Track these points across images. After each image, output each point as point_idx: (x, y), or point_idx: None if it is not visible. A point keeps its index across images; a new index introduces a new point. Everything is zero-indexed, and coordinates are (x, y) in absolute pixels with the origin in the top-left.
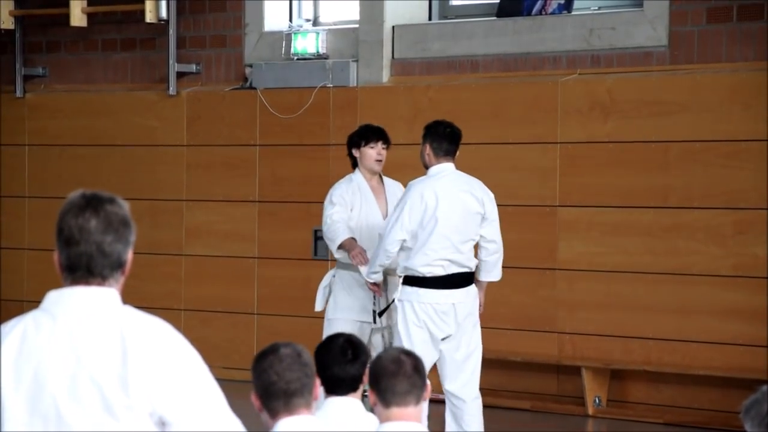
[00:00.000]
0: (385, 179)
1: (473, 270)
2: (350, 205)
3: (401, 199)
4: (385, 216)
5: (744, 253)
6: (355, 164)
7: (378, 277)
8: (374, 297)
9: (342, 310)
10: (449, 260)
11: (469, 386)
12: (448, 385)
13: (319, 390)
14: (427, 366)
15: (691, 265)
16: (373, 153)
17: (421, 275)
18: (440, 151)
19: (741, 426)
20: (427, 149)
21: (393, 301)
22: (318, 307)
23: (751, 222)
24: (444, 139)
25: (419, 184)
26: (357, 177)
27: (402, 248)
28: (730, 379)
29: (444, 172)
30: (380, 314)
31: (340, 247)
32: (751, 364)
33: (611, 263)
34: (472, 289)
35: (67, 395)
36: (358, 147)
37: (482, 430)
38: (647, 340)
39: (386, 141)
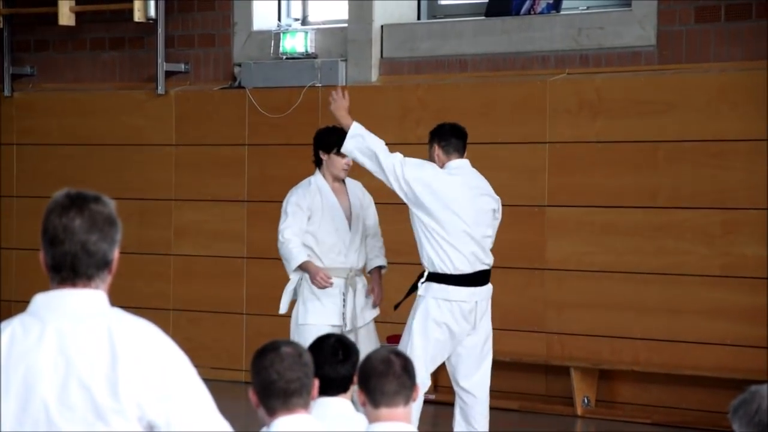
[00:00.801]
0: (347, 179)
1: (490, 267)
2: (308, 212)
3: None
4: (349, 218)
5: (732, 252)
6: (318, 163)
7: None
8: (344, 301)
9: (312, 315)
10: (475, 256)
11: (483, 384)
12: (463, 382)
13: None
14: (435, 366)
15: (680, 265)
16: (342, 162)
17: (450, 272)
18: (450, 147)
19: (729, 426)
20: (436, 149)
21: (414, 291)
22: (282, 310)
23: (740, 222)
24: (450, 134)
25: (443, 173)
26: (317, 180)
27: (428, 243)
28: (719, 379)
29: (464, 167)
30: (395, 307)
31: (298, 268)
32: (740, 364)
33: (600, 263)
34: (490, 287)
35: (56, 400)
36: (328, 152)
37: (487, 428)
38: (636, 340)
39: None
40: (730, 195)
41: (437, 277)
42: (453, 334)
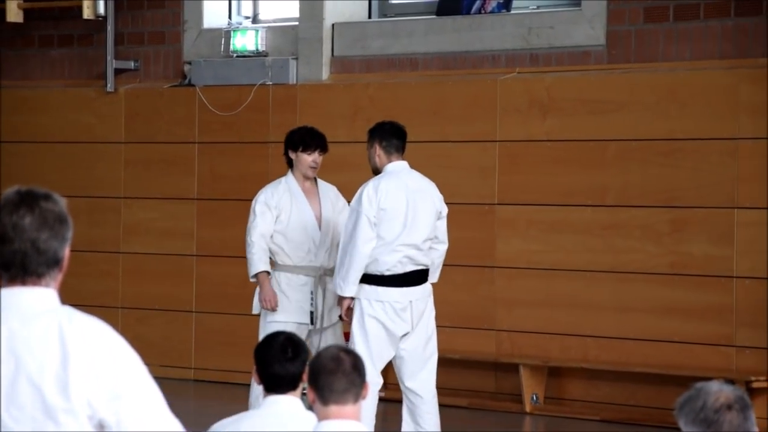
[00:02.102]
0: (319, 182)
1: (428, 267)
2: (277, 211)
3: (356, 200)
4: (319, 218)
5: (680, 251)
6: (290, 163)
7: (355, 290)
8: (312, 299)
9: (280, 313)
10: (409, 257)
11: (429, 384)
12: (408, 382)
13: (259, 388)
14: (383, 362)
15: (628, 263)
16: (308, 160)
17: (380, 274)
18: (391, 147)
19: (676, 423)
20: (377, 150)
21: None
22: (255, 310)
23: (687, 220)
24: (392, 135)
25: (380, 180)
26: (289, 179)
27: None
28: (666, 376)
29: (403, 170)
30: (340, 318)
31: (254, 277)
32: (687, 362)
33: (549, 261)
34: (428, 286)
35: (5, 399)
36: (295, 150)
37: (438, 427)
38: (585, 338)
39: (324, 149)
40: (678, 194)
41: (368, 279)
42: (389, 332)
